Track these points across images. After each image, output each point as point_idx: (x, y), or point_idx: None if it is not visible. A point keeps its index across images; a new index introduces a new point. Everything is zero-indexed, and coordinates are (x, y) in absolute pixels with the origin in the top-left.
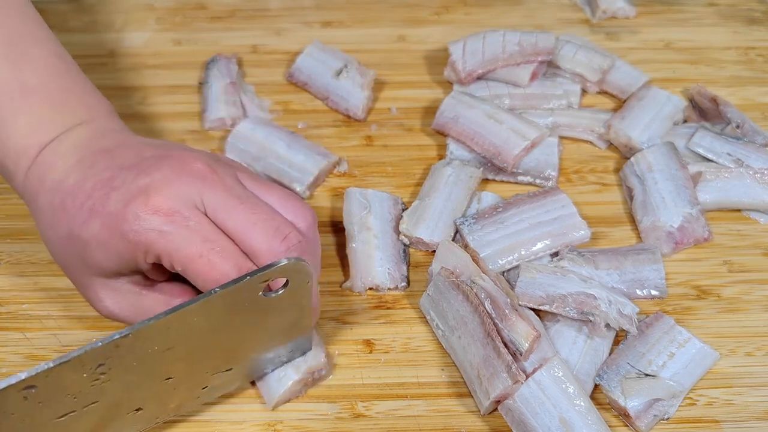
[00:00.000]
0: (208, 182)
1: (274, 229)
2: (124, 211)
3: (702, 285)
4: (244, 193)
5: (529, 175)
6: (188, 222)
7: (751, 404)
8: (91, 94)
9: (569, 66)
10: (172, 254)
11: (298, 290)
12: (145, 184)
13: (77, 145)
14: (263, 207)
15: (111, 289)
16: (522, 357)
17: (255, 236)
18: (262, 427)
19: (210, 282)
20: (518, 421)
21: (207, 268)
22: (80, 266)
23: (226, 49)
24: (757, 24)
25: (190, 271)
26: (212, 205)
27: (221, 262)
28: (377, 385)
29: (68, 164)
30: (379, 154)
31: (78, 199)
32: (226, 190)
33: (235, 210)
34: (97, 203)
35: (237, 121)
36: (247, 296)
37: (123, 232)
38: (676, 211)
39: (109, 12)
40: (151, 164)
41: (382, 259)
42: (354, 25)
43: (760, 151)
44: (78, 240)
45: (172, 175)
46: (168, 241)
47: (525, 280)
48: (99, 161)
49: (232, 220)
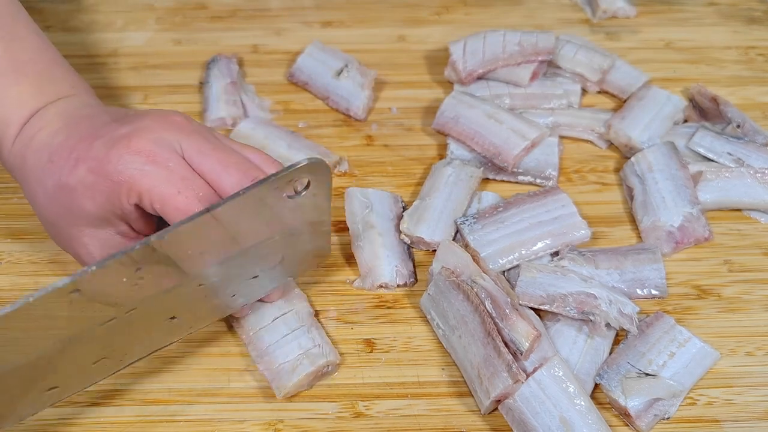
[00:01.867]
0: (186, 130)
1: (244, 171)
2: (108, 154)
3: (702, 285)
4: (218, 141)
5: (530, 175)
6: (168, 163)
7: (752, 404)
8: (72, 73)
9: (569, 66)
10: (152, 191)
11: (318, 191)
12: (128, 131)
13: (62, 113)
14: (235, 153)
15: (99, 240)
16: (522, 356)
17: (227, 177)
18: (263, 426)
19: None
20: (519, 420)
21: (183, 204)
22: (68, 217)
23: (227, 48)
24: (758, 23)
25: (167, 208)
26: (189, 149)
27: (196, 199)
28: (378, 384)
29: (55, 127)
30: (380, 154)
31: (64, 152)
32: (202, 138)
33: (210, 154)
34: (83, 152)
35: (237, 121)
36: (272, 199)
37: (107, 172)
38: (677, 211)
39: (109, 12)
40: (133, 117)
41: (389, 256)
42: (354, 25)
43: (760, 151)
44: (66, 188)
45: (153, 123)
46: (148, 180)
47: (525, 280)
48: (83, 122)
49: (206, 163)
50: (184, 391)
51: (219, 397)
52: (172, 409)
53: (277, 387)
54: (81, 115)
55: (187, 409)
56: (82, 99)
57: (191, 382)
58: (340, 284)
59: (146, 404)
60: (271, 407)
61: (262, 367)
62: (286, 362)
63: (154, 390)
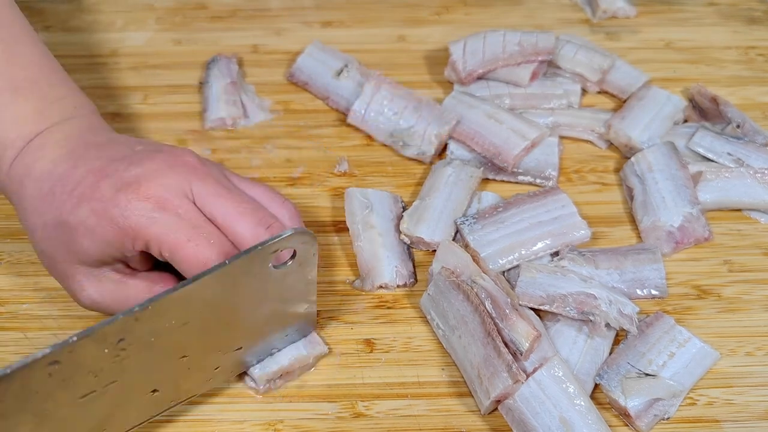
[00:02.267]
0: (198, 174)
1: (258, 218)
2: (115, 197)
3: (702, 285)
4: (231, 185)
5: (530, 175)
6: (178, 210)
7: (752, 404)
8: (77, 93)
9: (569, 66)
10: (162, 240)
11: (305, 262)
12: (137, 173)
13: (67, 137)
14: (249, 199)
15: (94, 278)
16: (522, 356)
17: (241, 225)
18: (263, 427)
19: (197, 268)
20: (518, 420)
21: (194, 253)
22: (65, 254)
23: (227, 48)
24: (758, 23)
25: (178, 257)
26: (201, 195)
27: (208, 248)
28: (378, 384)
29: (58, 154)
30: (380, 154)
31: (68, 186)
32: (214, 182)
33: (223, 200)
34: (87, 190)
35: (237, 121)
36: (257, 268)
37: (113, 217)
38: (677, 211)
39: (109, 12)
40: (143, 156)
41: (389, 257)
42: (354, 25)
43: (760, 151)
44: (65, 226)
45: (163, 166)
46: (158, 227)
47: (525, 280)
48: (89, 152)
49: (219, 210)
50: None
51: (219, 397)
52: (172, 409)
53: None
54: (87, 143)
55: (187, 409)
56: (86, 121)
57: None
58: (340, 284)
59: None
60: (271, 407)
61: None
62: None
63: None
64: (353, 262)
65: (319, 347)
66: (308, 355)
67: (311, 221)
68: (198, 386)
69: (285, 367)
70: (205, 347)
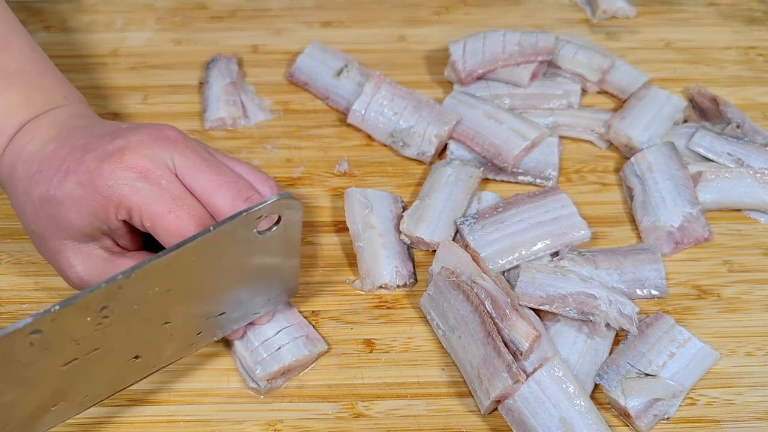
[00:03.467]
0: (179, 146)
1: (237, 190)
2: (99, 168)
3: (702, 285)
4: (212, 158)
5: (530, 175)
6: (160, 180)
7: (752, 404)
8: (65, 83)
9: (569, 66)
10: (143, 209)
11: (289, 227)
12: (121, 144)
13: (54, 123)
14: (228, 171)
15: (82, 255)
16: (522, 357)
17: (220, 197)
18: (263, 427)
19: (176, 238)
20: (518, 420)
21: (174, 224)
22: (53, 230)
23: (227, 49)
24: (758, 24)
25: (158, 227)
26: (182, 167)
27: (188, 219)
28: (377, 384)
29: (46, 137)
30: (380, 154)
31: (54, 163)
32: (196, 155)
33: (203, 172)
34: (73, 164)
35: (237, 121)
36: (242, 235)
37: (97, 186)
38: (677, 211)
39: (109, 12)
40: (127, 131)
41: (388, 257)
42: (354, 25)
43: (760, 151)
44: (53, 200)
45: (147, 138)
46: (140, 197)
47: (525, 280)
48: (76, 133)
49: (199, 181)
50: (184, 391)
51: (219, 397)
52: (172, 409)
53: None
54: (74, 126)
55: (187, 409)
56: (75, 109)
57: (191, 382)
58: (340, 284)
59: (146, 404)
60: (271, 407)
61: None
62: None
63: (154, 390)
64: (353, 262)
65: (320, 345)
66: (310, 354)
67: (311, 221)
68: (180, 351)
69: (286, 366)
70: (188, 313)
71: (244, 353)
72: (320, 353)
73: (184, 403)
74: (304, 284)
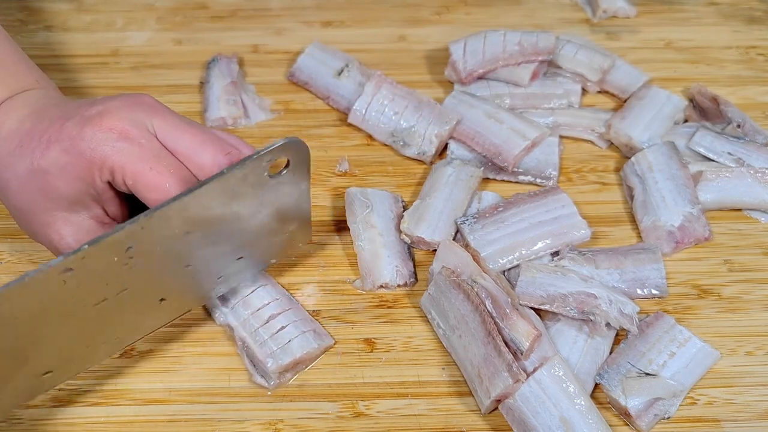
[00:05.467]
0: (158, 111)
1: (219, 146)
2: (81, 132)
3: (702, 284)
4: (191, 121)
5: (530, 175)
6: (140, 140)
7: (752, 403)
8: (36, 69)
9: (570, 65)
10: (125, 167)
11: (298, 171)
12: (99, 109)
13: (27, 103)
14: (208, 131)
15: (73, 225)
16: (523, 356)
17: (202, 153)
18: (263, 426)
19: (157, 195)
20: (519, 420)
21: (156, 181)
22: (42, 202)
23: (227, 48)
24: (758, 23)
25: (140, 184)
26: (162, 128)
27: (169, 176)
28: (378, 384)
29: (21, 115)
30: (380, 154)
31: (35, 135)
32: (174, 117)
33: (183, 132)
34: (54, 133)
35: (237, 121)
36: (254, 177)
37: (80, 150)
38: (677, 211)
39: (109, 12)
40: (103, 99)
41: (389, 256)
42: (354, 25)
43: (760, 151)
44: (38, 172)
45: (124, 104)
46: (121, 156)
47: (525, 280)
48: (52, 109)
49: (181, 141)
50: (184, 391)
51: (219, 397)
52: (172, 409)
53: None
54: (49, 104)
55: (187, 409)
56: (47, 92)
57: (191, 382)
58: (340, 284)
59: (146, 404)
60: (271, 407)
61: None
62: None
63: (154, 390)
64: (354, 262)
65: (327, 339)
66: (318, 347)
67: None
68: (202, 297)
69: (297, 359)
70: (208, 256)
71: (253, 346)
72: (327, 348)
73: (185, 402)
74: (305, 283)
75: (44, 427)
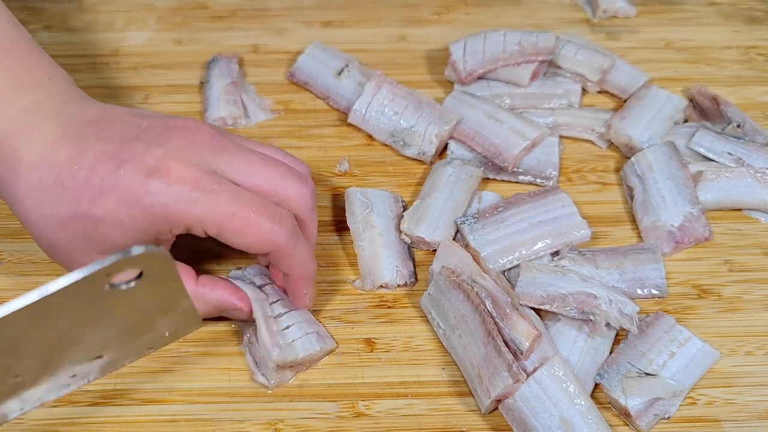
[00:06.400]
0: (218, 147)
1: (298, 176)
2: (145, 186)
3: (703, 284)
4: (253, 152)
5: (530, 175)
6: (213, 185)
7: (752, 404)
8: (50, 63)
9: (570, 65)
10: (205, 220)
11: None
12: (160, 155)
13: (52, 114)
14: (276, 161)
15: None
16: (523, 356)
17: (287, 185)
18: (263, 426)
19: (250, 237)
20: (519, 420)
21: (242, 224)
22: (83, 245)
23: (227, 48)
24: (758, 23)
25: (226, 231)
26: (233, 167)
27: (256, 216)
28: (378, 384)
29: (51, 136)
30: (380, 154)
31: (80, 174)
32: (239, 150)
33: (255, 165)
34: (108, 178)
35: (238, 121)
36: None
37: (146, 205)
38: (677, 211)
39: (110, 11)
40: (157, 135)
41: (389, 256)
42: (354, 25)
43: (760, 151)
44: (87, 218)
45: (184, 144)
46: (198, 209)
47: (525, 280)
48: (89, 132)
49: (259, 177)
50: (184, 391)
51: (219, 397)
52: (172, 409)
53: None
54: (81, 121)
55: (188, 409)
56: (63, 90)
57: (191, 382)
58: (340, 284)
59: (146, 404)
60: (271, 407)
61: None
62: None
63: (154, 390)
64: (354, 262)
65: (329, 342)
66: (320, 350)
67: None
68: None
69: (299, 359)
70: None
71: (265, 335)
72: (329, 351)
73: (184, 402)
74: None
75: (44, 427)
